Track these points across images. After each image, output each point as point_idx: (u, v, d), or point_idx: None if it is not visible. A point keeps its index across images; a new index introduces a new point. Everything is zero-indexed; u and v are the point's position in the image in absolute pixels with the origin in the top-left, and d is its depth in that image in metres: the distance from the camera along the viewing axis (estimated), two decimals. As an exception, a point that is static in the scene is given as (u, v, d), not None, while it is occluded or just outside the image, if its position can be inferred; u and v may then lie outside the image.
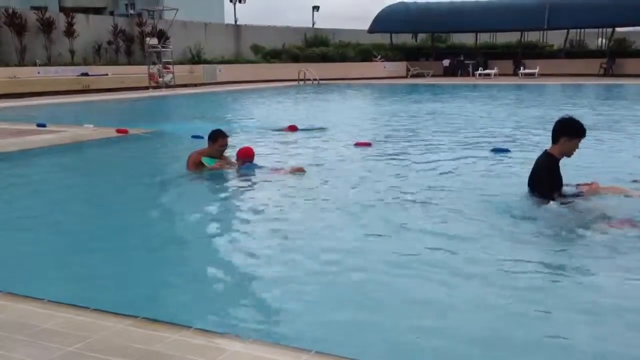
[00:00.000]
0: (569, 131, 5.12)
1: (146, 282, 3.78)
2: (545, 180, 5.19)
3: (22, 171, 7.76)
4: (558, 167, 5.28)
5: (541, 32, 44.82)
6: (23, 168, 7.98)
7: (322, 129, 11.54)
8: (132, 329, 2.91)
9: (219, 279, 3.83)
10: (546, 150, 5.31)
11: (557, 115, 5.47)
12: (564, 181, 5.35)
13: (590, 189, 5.25)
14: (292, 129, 11.17)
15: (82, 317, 3.06)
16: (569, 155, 5.22)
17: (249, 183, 6.59)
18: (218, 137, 6.92)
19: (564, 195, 5.20)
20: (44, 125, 11.46)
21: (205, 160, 6.84)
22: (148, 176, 7.28)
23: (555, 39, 45.04)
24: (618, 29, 40.67)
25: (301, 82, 32.25)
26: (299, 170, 6.82)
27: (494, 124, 12.65)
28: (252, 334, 2.89)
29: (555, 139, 5.18)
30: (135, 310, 3.11)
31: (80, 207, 5.85)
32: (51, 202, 6.06)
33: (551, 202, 5.03)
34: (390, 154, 8.42)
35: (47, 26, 32.10)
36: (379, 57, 39.68)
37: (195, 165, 6.86)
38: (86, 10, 42.00)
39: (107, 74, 29.19)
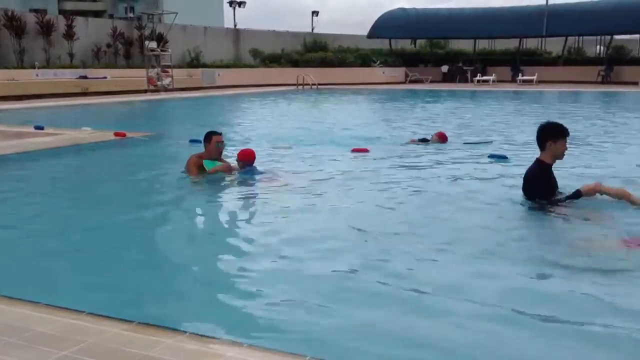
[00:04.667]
0: (551, 134, 5.25)
1: (142, 286, 3.77)
2: (538, 186, 5.25)
3: (19, 174, 7.74)
4: (551, 172, 5.34)
5: (540, 39, 45.05)
6: (20, 171, 7.95)
7: (487, 142, 10.19)
8: (127, 333, 2.90)
9: (215, 284, 3.81)
10: (537, 158, 5.40)
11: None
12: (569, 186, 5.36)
13: (590, 187, 5.15)
14: (442, 137, 10.02)
15: (77, 321, 3.05)
16: (560, 158, 5.31)
17: (248, 189, 6.56)
18: (211, 136, 6.91)
19: (559, 200, 5.20)
20: (41, 128, 11.44)
21: (205, 163, 6.82)
22: (145, 180, 7.26)
23: (554, 46, 45.27)
24: (616, 37, 40.93)
25: (300, 87, 32.28)
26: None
27: (491, 130, 12.65)
28: (248, 339, 2.88)
29: (541, 145, 5.31)
30: (130, 314, 3.10)
31: (77, 211, 5.83)
32: (47, 204, 6.04)
33: (549, 207, 5.04)
34: (386, 161, 8.40)
35: (46, 28, 32.11)
36: (377, 62, 39.79)
37: (195, 168, 6.84)
38: (85, 13, 42.10)
39: (106, 77, 29.24)
